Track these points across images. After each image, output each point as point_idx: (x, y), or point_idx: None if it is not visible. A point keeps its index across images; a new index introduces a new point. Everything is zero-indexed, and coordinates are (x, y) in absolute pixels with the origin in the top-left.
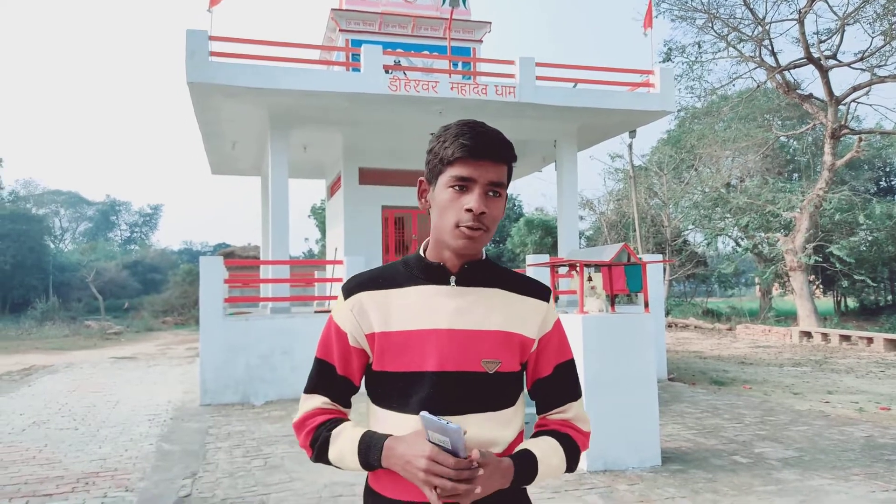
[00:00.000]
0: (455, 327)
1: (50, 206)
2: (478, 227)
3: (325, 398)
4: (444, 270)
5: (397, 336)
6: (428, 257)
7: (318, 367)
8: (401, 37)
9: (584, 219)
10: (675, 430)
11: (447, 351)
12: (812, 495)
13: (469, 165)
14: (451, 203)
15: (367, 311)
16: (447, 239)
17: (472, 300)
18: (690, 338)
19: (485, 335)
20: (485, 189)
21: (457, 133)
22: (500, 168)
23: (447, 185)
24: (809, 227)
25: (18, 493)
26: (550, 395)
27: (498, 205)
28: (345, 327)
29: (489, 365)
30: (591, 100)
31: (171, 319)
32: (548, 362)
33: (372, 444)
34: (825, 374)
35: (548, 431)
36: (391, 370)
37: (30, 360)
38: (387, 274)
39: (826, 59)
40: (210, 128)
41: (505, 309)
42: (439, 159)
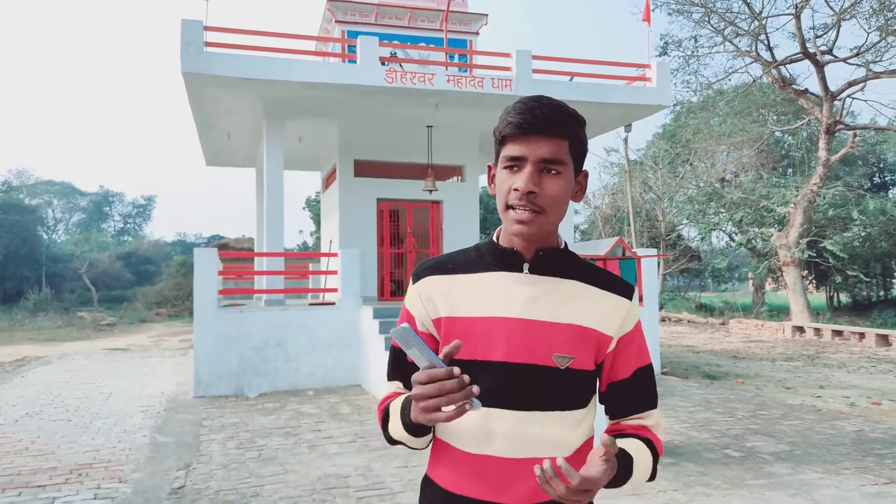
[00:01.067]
0: (527, 317)
1: (43, 196)
2: (529, 208)
3: (399, 382)
4: (518, 256)
5: (463, 322)
6: (500, 243)
7: (392, 353)
8: (397, 28)
9: (578, 213)
10: (667, 423)
11: (517, 341)
12: (803, 489)
13: (518, 142)
14: (503, 184)
15: (433, 295)
16: (505, 224)
17: (546, 289)
18: (683, 332)
19: (558, 328)
20: (537, 167)
21: (509, 110)
22: (556, 142)
23: (502, 166)
24: (803, 222)
25: (11, 484)
26: (628, 401)
27: (555, 183)
28: (414, 311)
29: (561, 360)
30: (587, 93)
31: (165, 311)
32: (627, 365)
33: (406, 404)
34: (817, 369)
35: (627, 434)
36: (457, 358)
37: (23, 351)
38: (457, 259)
39: (822, 54)
40: (205, 118)
41: (582, 302)
42: (496, 140)
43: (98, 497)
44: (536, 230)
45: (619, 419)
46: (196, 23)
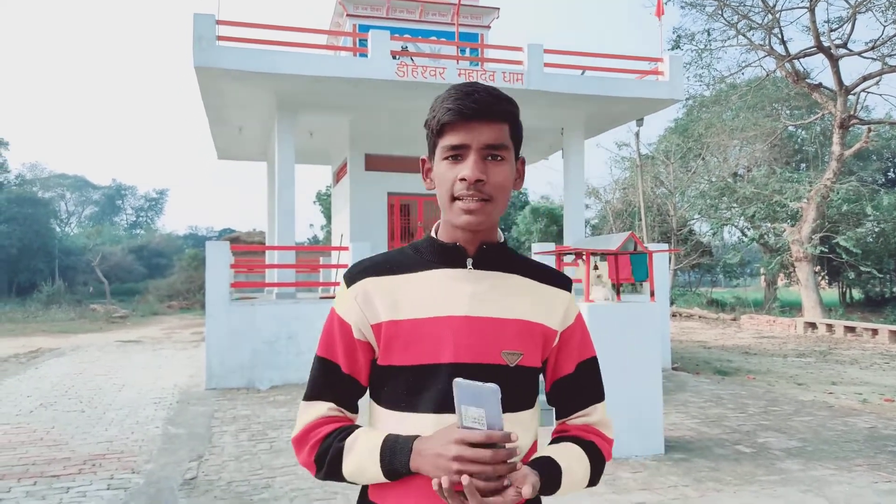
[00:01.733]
0: (473, 314)
1: (56, 189)
2: (477, 198)
3: (331, 403)
4: (461, 252)
5: (407, 324)
6: (441, 238)
7: (320, 366)
8: (408, 22)
9: (589, 207)
10: (678, 419)
11: (465, 340)
12: (815, 485)
13: (459, 130)
14: (445, 175)
15: (372, 298)
16: (451, 217)
17: (491, 285)
18: (695, 327)
19: (506, 323)
20: (481, 154)
21: (444, 97)
22: (498, 127)
23: (442, 157)
24: (816, 217)
25: (27, 474)
26: (572, 397)
27: (501, 170)
28: (348, 318)
29: (510, 357)
30: (599, 87)
31: (177, 304)
32: (570, 359)
33: (398, 448)
34: (829, 365)
35: (569, 437)
36: (400, 364)
37: (36, 342)
38: (394, 259)
39: (836, 48)
40: (216, 112)
41: (526, 296)
42: (431, 130)
43: (111, 487)
44: (485, 219)
45: (566, 418)
46: (208, 17)
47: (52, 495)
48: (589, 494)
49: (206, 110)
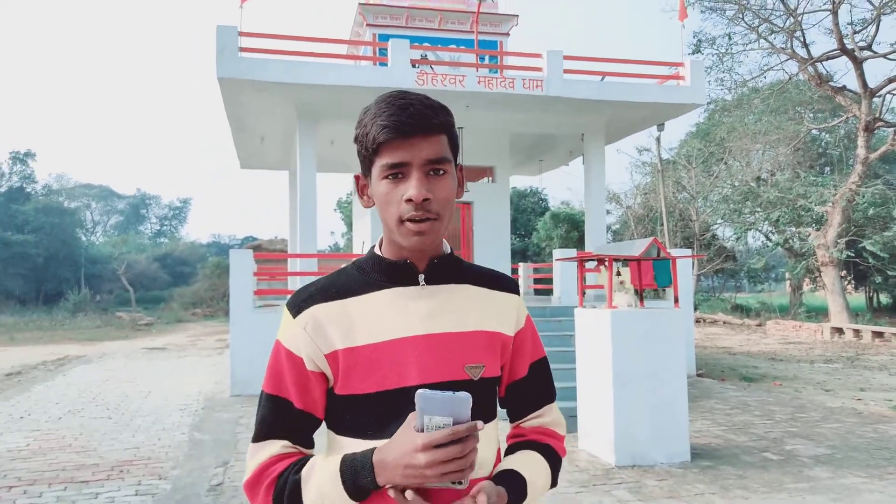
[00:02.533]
0: (431, 331)
1: (82, 199)
2: (425, 218)
3: (284, 441)
4: (411, 269)
5: (366, 350)
6: (387, 257)
7: (269, 405)
8: (428, 31)
9: (610, 213)
10: (704, 426)
11: (428, 360)
12: (845, 493)
13: (398, 148)
14: (389, 196)
15: (323, 326)
16: (398, 238)
17: (445, 298)
18: (719, 333)
19: (465, 337)
20: (423, 170)
21: (376, 112)
22: (436, 140)
23: (381, 177)
24: (842, 221)
25: (57, 479)
26: (526, 399)
27: (444, 185)
28: (298, 350)
29: (473, 370)
30: (619, 93)
31: (201, 311)
32: (523, 362)
33: (357, 466)
34: (857, 371)
35: (527, 443)
36: (363, 392)
37: (64, 350)
38: (339, 282)
39: (860, 49)
40: (239, 122)
41: (479, 306)
42: (365, 148)
43: (139, 493)
44: (434, 238)
45: (520, 420)
46: (231, 28)
47: (81, 500)
48: (615, 503)
49: (229, 120)
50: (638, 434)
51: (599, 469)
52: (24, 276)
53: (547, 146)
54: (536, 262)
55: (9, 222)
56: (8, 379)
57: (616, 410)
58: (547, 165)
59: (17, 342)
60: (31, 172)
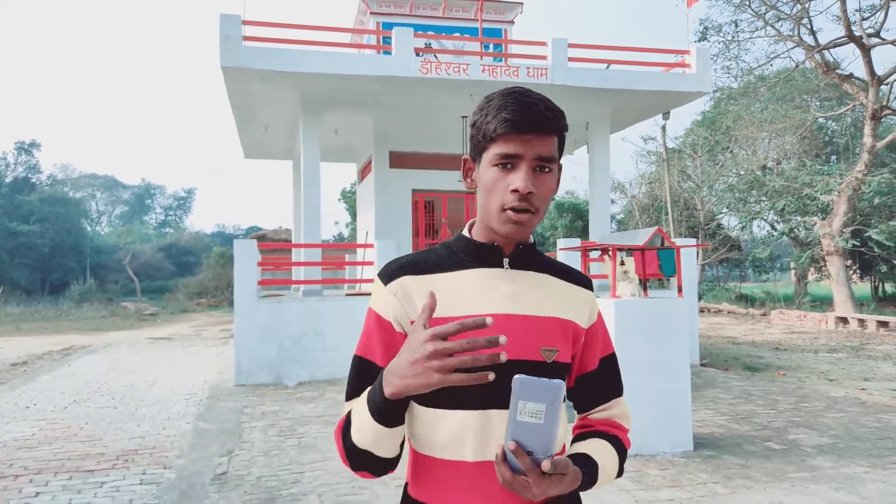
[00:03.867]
0: (512, 312)
1: (87, 189)
2: (525, 209)
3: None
4: (498, 251)
5: (447, 322)
6: (476, 239)
7: (357, 366)
8: (432, 19)
9: (615, 202)
10: (707, 415)
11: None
12: (847, 483)
13: (514, 141)
14: (496, 183)
15: (411, 295)
16: (494, 223)
17: (526, 283)
18: (723, 323)
19: (542, 321)
20: (532, 165)
21: (500, 105)
22: (549, 140)
23: (492, 164)
24: (847, 210)
25: (62, 469)
26: (595, 391)
27: (548, 181)
28: (388, 315)
29: (548, 353)
30: (624, 81)
31: (206, 301)
32: (593, 355)
33: (375, 387)
34: (861, 361)
35: (596, 433)
36: None
37: (69, 340)
38: (429, 258)
39: (868, 37)
40: (243, 112)
41: (558, 295)
42: (482, 135)
43: (144, 482)
44: (529, 230)
45: (588, 412)
46: (234, 17)
47: (87, 489)
48: (617, 491)
49: (233, 110)
50: (640, 423)
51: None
52: (29, 267)
53: None
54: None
55: (14, 212)
56: (14, 369)
57: None
58: None
59: (23, 332)
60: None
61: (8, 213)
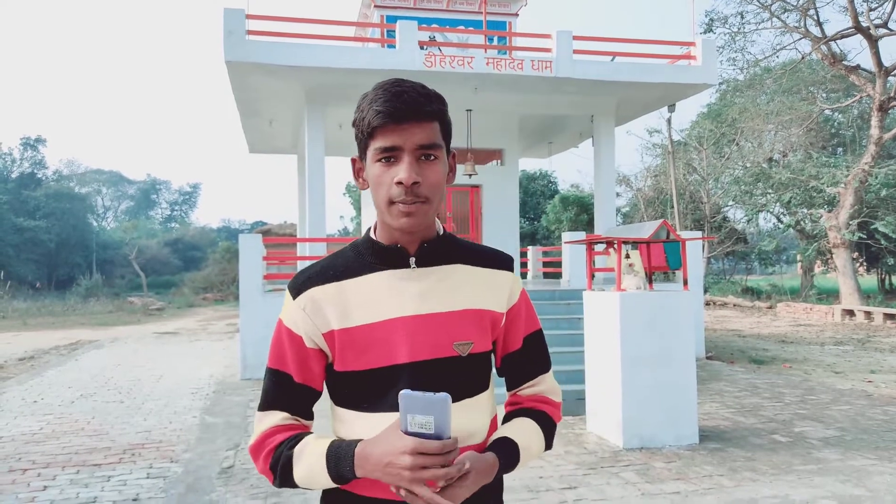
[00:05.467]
0: (422, 312)
1: (92, 184)
2: (414, 200)
3: (284, 413)
4: (402, 252)
5: (360, 331)
6: (379, 240)
7: (271, 378)
8: (436, 12)
9: (620, 195)
10: (713, 408)
11: (419, 338)
12: (854, 475)
13: (391, 133)
14: (380, 178)
15: (321, 307)
16: (388, 219)
17: (435, 280)
18: (729, 316)
19: (454, 316)
20: (415, 155)
21: (372, 98)
22: (429, 127)
23: (374, 160)
24: (854, 202)
25: (70, 463)
26: (521, 369)
27: (434, 169)
28: (298, 330)
29: (462, 347)
30: (629, 73)
31: (211, 296)
32: (517, 335)
33: (341, 455)
34: (868, 353)
35: (522, 411)
36: (358, 369)
37: (76, 335)
38: (337, 264)
39: (876, 27)
40: (247, 106)
41: (471, 285)
42: (361, 132)
43: (151, 476)
44: (423, 220)
45: (517, 389)
46: (238, 11)
47: (94, 483)
48: (623, 484)
49: (237, 104)
50: (646, 416)
51: (607, 451)
52: (36, 262)
53: (556, 128)
54: (546, 246)
55: (20, 208)
56: (21, 363)
57: (624, 393)
58: (556, 148)
59: (30, 327)
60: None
61: (14, 208)
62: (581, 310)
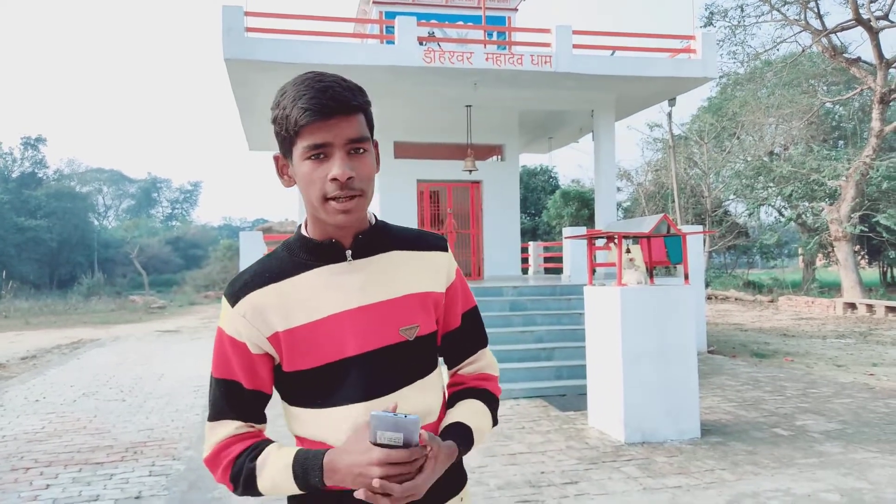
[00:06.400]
0: (366, 303)
1: (93, 183)
2: (350, 195)
3: (237, 421)
4: (337, 247)
5: (305, 330)
6: (312, 237)
7: (220, 388)
8: (435, 7)
9: (621, 190)
10: (714, 402)
11: (363, 330)
12: (855, 468)
13: (319, 129)
14: (312, 175)
15: (262, 311)
16: (323, 216)
17: (373, 270)
18: (731, 310)
19: (397, 302)
20: (346, 150)
21: (295, 95)
22: (355, 120)
23: (303, 157)
24: (855, 195)
25: (72, 461)
26: (461, 347)
27: (366, 162)
28: (241, 337)
29: (408, 332)
30: (629, 68)
31: (213, 294)
32: (455, 313)
33: (308, 466)
34: (870, 346)
35: (468, 391)
36: (307, 367)
37: (77, 333)
38: (272, 266)
39: (877, 20)
40: (247, 104)
41: (409, 270)
42: (286, 130)
43: (153, 474)
44: (359, 214)
45: (457, 367)
46: (237, 9)
47: (96, 481)
48: (625, 479)
49: (237, 102)
50: (648, 411)
51: (609, 446)
52: (37, 261)
53: (556, 123)
54: (547, 241)
55: (22, 207)
56: (23, 362)
57: (626, 388)
58: (556, 143)
59: (32, 326)
60: (43, 158)
61: (15, 208)
62: (582, 305)
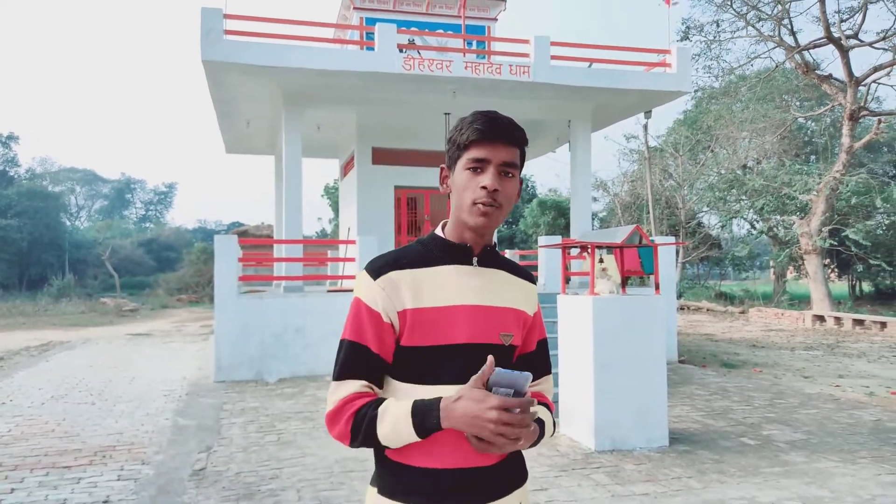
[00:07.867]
0: (480, 303)
1: (66, 183)
2: (492, 204)
3: (362, 381)
4: (468, 251)
5: (429, 312)
6: (449, 238)
7: (350, 350)
8: (415, 15)
9: (597, 200)
10: (683, 411)
11: (476, 324)
12: (818, 477)
13: (483, 147)
14: (468, 183)
15: (397, 288)
16: (466, 217)
17: (489, 279)
18: (703, 320)
19: (502, 311)
20: (498, 169)
21: (472, 120)
22: (513, 150)
23: (464, 168)
24: (825, 210)
25: (39, 465)
26: (533, 370)
27: (511, 185)
28: (377, 306)
29: (505, 337)
30: (606, 80)
31: (186, 297)
32: (533, 338)
33: (427, 410)
34: (837, 358)
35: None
36: (422, 344)
37: (47, 336)
38: (409, 255)
39: (847, 38)
40: (224, 106)
41: (512, 289)
42: (456, 145)
43: (121, 478)
44: (495, 223)
45: None
46: (216, 11)
47: (63, 485)
48: (594, 486)
49: (214, 104)
50: (618, 419)
51: (579, 454)
52: (7, 261)
53: (534, 133)
54: (523, 249)
55: None
56: None
57: (596, 396)
58: (534, 152)
59: (0, 328)
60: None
61: None
62: (556, 313)
